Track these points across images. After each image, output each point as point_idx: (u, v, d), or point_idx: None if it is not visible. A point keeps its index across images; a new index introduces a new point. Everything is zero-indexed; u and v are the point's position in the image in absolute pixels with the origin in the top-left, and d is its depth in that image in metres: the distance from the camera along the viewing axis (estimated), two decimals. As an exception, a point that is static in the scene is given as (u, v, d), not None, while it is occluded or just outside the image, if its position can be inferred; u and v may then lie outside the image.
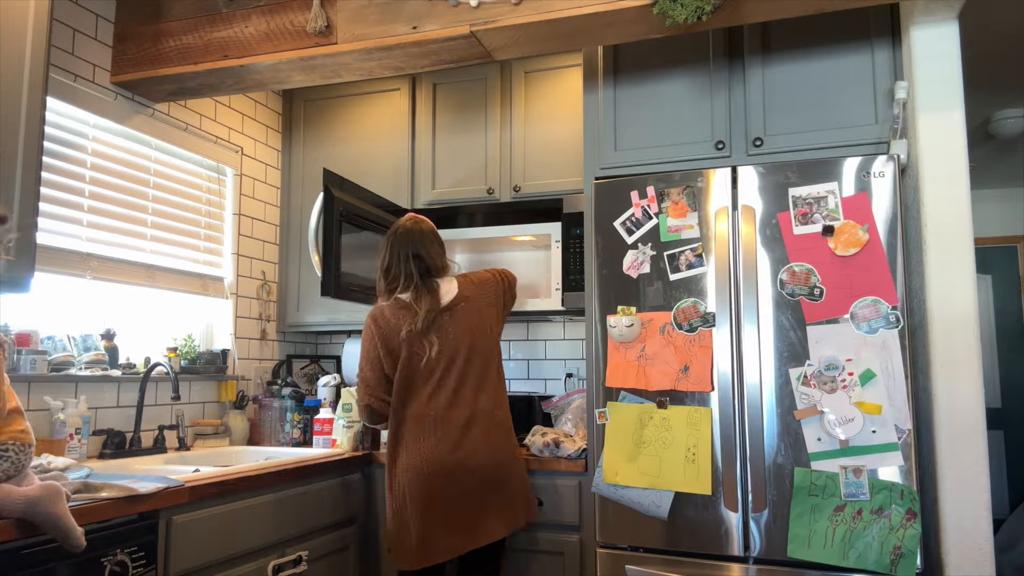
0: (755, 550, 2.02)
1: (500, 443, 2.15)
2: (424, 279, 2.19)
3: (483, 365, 2.18)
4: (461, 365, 2.15)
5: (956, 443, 1.92)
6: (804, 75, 2.27)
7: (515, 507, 2.16)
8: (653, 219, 2.22)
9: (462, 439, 2.09)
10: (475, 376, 2.16)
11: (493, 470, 2.10)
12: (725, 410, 2.08)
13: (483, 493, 2.09)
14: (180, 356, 2.71)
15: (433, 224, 2.32)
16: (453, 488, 2.06)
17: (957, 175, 1.99)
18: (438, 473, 2.06)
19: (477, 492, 2.08)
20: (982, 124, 3.80)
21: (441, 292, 2.20)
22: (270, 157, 3.30)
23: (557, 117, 2.95)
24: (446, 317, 2.17)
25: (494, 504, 2.10)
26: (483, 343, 2.19)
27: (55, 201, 2.30)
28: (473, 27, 2.16)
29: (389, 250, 2.22)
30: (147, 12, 2.53)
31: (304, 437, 2.87)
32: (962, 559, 1.89)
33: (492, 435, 2.14)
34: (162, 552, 1.78)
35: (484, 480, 2.09)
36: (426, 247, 2.21)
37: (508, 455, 2.17)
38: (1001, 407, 4.93)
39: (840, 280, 2.01)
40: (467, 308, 2.19)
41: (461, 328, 2.17)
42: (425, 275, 2.20)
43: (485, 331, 2.21)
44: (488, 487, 2.10)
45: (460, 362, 2.15)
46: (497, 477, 2.11)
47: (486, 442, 2.11)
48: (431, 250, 2.22)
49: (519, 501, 2.17)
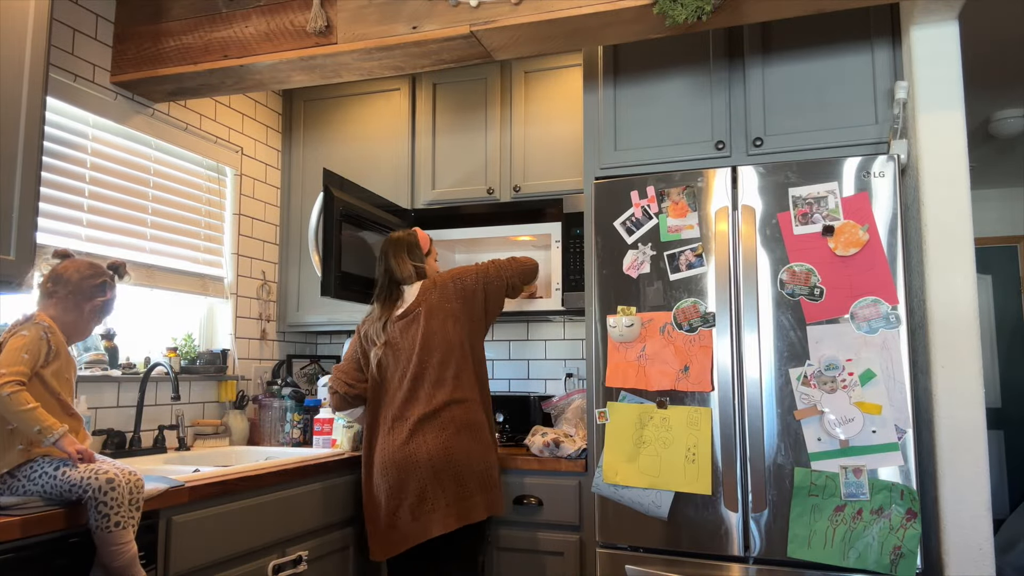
0: (755, 550, 2.02)
1: (455, 438, 2.21)
2: (390, 288, 2.40)
3: (440, 365, 2.27)
4: (415, 367, 2.26)
5: (956, 443, 1.92)
6: (804, 75, 2.27)
7: (470, 501, 2.19)
8: (653, 219, 2.22)
9: (412, 436, 2.21)
10: (431, 377, 2.26)
11: (443, 464, 2.18)
12: (725, 410, 2.08)
13: (433, 486, 2.17)
14: (180, 356, 2.71)
15: (417, 235, 2.47)
16: (404, 482, 2.19)
17: (957, 175, 1.99)
18: (391, 468, 2.21)
19: (428, 485, 2.17)
20: (982, 124, 3.80)
21: (403, 299, 2.37)
22: (270, 157, 3.30)
23: (557, 117, 2.95)
24: (399, 324, 2.33)
25: (445, 497, 2.17)
26: (440, 344, 2.28)
27: (55, 201, 2.30)
28: (473, 27, 2.16)
29: (378, 261, 2.47)
30: (147, 12, 2.53)
31: (304, 437, 2.87)
32: (962, 559, 1.89)
33: (446, 430, 2.21)
34: (162, 552, 1.78)
35: (434, 473, 2.17)
36: (394, 256, 2.40)
37: (462, 450, 2.21)
38: (1001, 407, 4.94)
39: (840, 280, 2.01)
40: (423, 312, 2.31)
41: (412, 333, 2.30)
42: (392, 284, 2.40)
43: (442, 333, 2.30)
44: (438, 480, 2.17)
45: (413, 365, 2.27)
46: (448, 471, 2.18)
47: (437, 437, 2.20)
48: (397, 259, 2.40)
49: (476, 495, 2.20)
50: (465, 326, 2.33)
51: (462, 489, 2.18)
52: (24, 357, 1.52)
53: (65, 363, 1.65)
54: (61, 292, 1.68)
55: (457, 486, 2.18)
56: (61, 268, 1.71)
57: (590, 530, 2.30)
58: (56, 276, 1.70)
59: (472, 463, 2.21)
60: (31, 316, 1.62)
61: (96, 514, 1.51)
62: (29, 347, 1.53)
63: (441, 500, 2.16)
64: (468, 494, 2.19)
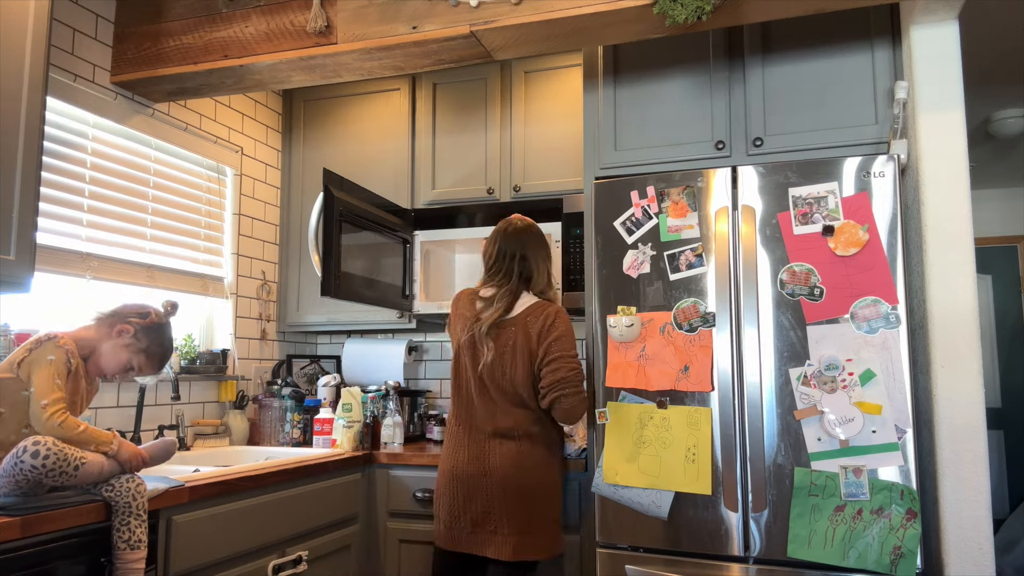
0: (755, 550, 2.02)
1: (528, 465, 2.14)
2: (518, 286, 2.20)
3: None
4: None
5: (956, 443, 1.92)
6: (804, 75, 2.27)
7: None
8: (653, 219, 2.22)
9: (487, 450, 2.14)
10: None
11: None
12: (725, 410, 2.08)
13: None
14: (180, 356, 2.72)
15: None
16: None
17: (957, 175, 1.99)
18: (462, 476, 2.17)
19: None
20: (982, 124, 3.80)
21: (517, 305, 2.19)
22: (270, 157, 3.30)
23: (557, 117, 2.95)
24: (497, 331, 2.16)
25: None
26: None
27: (55, 201, 2.30)
28: (473, 27, 2.16)
29: (506, 239, 2.25)
30: (147, 12, 2.53)
31: (304, 437, 2.87)
32: (962, 559, 1.89)
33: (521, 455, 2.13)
34: (162, 552, 1.78)
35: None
36: (532, 252, 2.23)
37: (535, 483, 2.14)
38: (1001, 407, 4.93)
39: (840, 280, 2.00)
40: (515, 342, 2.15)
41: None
42: (521, 281, 2.21)
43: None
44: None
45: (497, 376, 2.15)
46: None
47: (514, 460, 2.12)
48: (537, 259, 2.23)
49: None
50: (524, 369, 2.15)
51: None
52: (57, 383, 1.64)
53: (80, 384, 1.73)
54: (106, 315, 1.81)
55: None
56: (123, 304, 1.86)
57: (590, 530, 2.30)
58: (114, 307, 1.84)
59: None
60: (54, 336, 1.69)
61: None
62: (59, 372, 1.65)
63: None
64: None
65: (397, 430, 2.80)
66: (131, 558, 1.61)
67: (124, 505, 1.62)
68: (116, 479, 1.64)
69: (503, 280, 2.21)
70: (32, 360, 1.63)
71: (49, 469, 1.51)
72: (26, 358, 1.64)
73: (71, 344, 1.70)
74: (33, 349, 1.65)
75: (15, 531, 1.44)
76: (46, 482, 1.53)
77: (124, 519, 1.62)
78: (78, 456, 1.56)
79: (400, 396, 2.93)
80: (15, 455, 1.51)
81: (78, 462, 1.56)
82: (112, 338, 1.77)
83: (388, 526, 2.60)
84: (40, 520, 1.49)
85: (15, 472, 1.50)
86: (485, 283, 2.26)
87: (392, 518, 2.60)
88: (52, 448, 1.52)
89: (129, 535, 1.62)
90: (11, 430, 1.58)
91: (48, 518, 1.50)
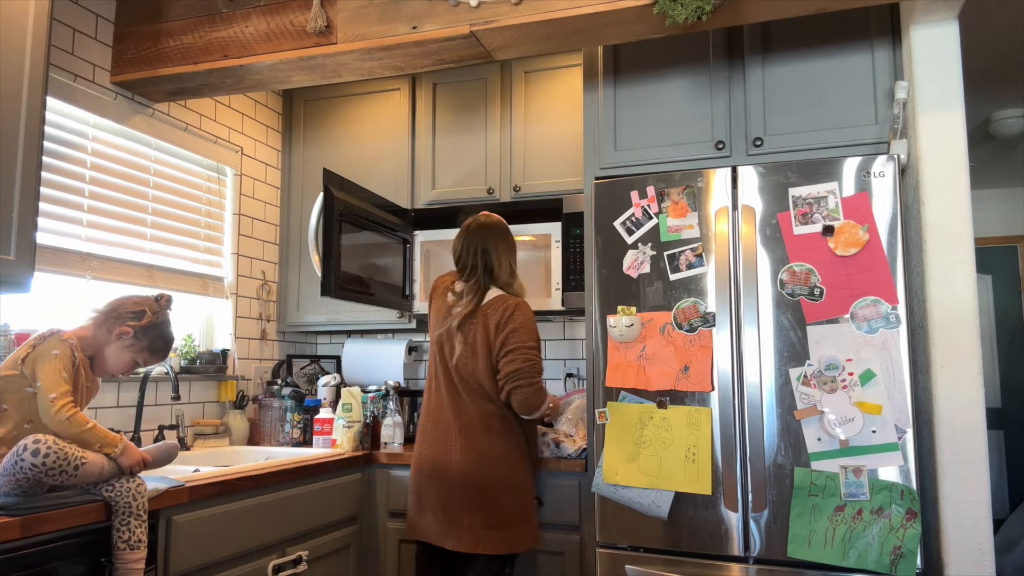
0: (755, 550, 2.02)
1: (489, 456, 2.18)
2: (485, 280, 2.26)
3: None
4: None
5: (956, 443, 1.92)
6: (804, 75, 2.27)
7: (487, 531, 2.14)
8: (653, 219, 2.22)
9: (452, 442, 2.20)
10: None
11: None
12: (725, 410, 2.08)
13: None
14: (180, 356, 2.71)
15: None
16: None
17: (957, 175, 1.99)
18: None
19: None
20: (982, 124, 3.80)
21: (485, 299, 2.25)
22: (270, 157, 3.30)
23: (557, 117, 2.95)
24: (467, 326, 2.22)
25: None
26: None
27: (55, 201, 2.30)
28: (473, 27, 2.16)
29: (469, 236, 2.31)
30: (147, 12, 2.53)
31: (304, 437, 2.87)
32: (962, 559, 1.89)
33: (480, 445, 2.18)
34: (162, 552, 1.78)
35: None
36: (493, 245, 2.29)
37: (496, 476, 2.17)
38: (1001, 407, 4.93)
39: (840, 280, 2.00)
40: (476, 335, 2.22)
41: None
42: (487, 276, 2.26)
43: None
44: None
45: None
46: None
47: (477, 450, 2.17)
48: (497, 253, 2.28)
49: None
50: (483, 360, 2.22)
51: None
52: (64, 376, 1.64)
53: (81, 380, 1.72)
54: (102, 314, 1.80)
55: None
56: (118, 300, 1.84)
57: (590, 530, 2.30)
58: (109, 304, 1.82)
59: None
60: (56, 331, 1.69)
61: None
62: (65, 366, 1.65)
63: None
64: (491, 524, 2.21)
65: (397, 430, 2.80)
66: (131, 558, 1.62)
67: (124, 505, 1.62)
68: (116, 479, 1.64)
69: (470, 274, 2.28)
70: (36, 355, 1.64)
71: (49, 468, 1.51)
72: (30, 354, 1.64)
73: (75, 339, 1.71)
74: (37, 345, 1.66)
75: (15, 531, 1.44)
76: (46, 481, 1.53)
77: (124, 519, 1.62)
78: (79, 455, 1.56)
79: (400, 396, 2.93)
80: (16, 453, 1.51)
81: (78, 462, 1.56)
82: (113, 342, 1.77)
83: (388, 526, 2.60)
84: (40, 520, 1.49)
85: (15, 471, 1.51)
86: (456, 278, 2.33)
87: (392, 518, 2.60)
88: (53, 447, 1.52)
89: (129, 535, 1.62)
90: (13, 427, 1.59)
91: (48, 518, 1.50)
